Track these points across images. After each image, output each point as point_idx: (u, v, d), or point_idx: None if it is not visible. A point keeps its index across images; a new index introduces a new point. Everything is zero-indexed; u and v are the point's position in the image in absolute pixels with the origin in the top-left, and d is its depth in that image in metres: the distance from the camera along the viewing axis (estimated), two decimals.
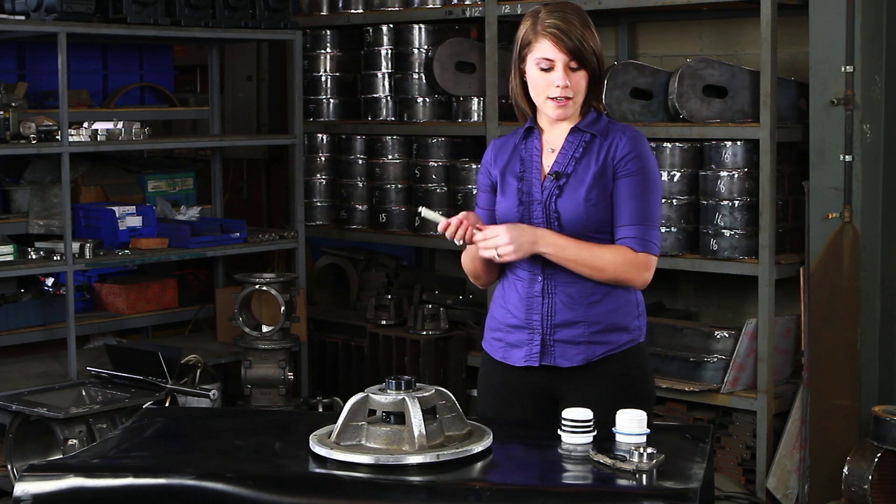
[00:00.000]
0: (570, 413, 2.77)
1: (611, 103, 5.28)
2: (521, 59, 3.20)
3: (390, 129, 6.26)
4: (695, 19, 5.81)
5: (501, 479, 2.67)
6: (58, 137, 5.34)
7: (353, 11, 6.44)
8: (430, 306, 5.96)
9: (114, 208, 5.76)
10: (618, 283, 3.17)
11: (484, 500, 2.49)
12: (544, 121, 3.26)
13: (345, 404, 2.75)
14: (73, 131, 5.42)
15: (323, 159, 6.59)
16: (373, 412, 2.72)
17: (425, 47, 6.13)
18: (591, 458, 2.66)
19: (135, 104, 6.59)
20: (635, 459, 2.58)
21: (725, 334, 5.16)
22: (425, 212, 3.17)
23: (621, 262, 3.13)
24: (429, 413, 2.69)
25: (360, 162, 6.41)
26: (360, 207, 6.41)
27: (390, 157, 6.25)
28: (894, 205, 4.94)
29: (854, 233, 4.87)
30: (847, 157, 4.84)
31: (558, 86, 3.13)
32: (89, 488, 2.62)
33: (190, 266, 6.69)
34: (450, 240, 3.12)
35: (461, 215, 3.11)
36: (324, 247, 6.83)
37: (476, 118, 5.99)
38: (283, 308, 5.66)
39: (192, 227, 5.96)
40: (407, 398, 2.67)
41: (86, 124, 5.56)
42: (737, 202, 5.07)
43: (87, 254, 5.46)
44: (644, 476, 2.56)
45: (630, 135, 3.20)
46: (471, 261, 3.31)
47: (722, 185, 5.10)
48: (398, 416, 2.68)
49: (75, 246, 5.42)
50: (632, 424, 2.71)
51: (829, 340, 4.94)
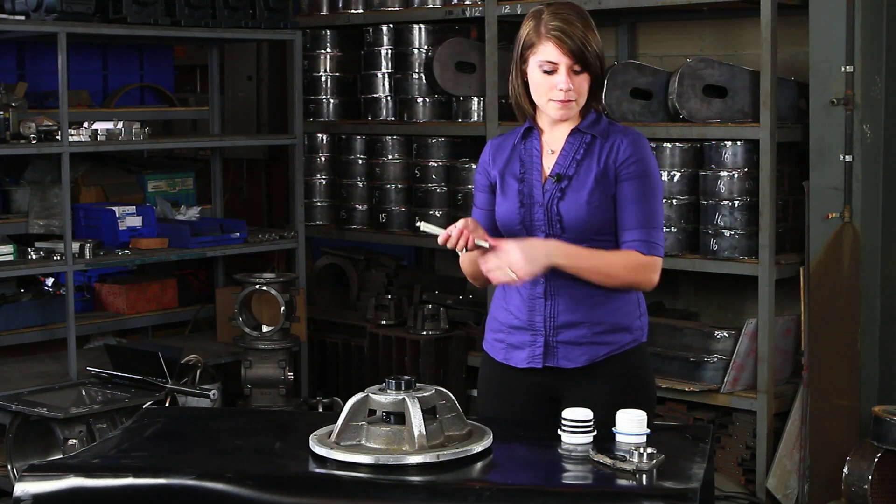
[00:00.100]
0: (570, 413, 2.77)
1: (611, 103, 5.28)
2: (523, 59, 3.18)
3: (390, 129, 6.26)
4: (695, 19, 5.81)
5: (501, 479, 2.67)
6: (58, 137, 5.34)
7: (353, 11, 6.44)
8: (430, 306, 5.96)
9: (114, 208, 5.76)
10: (628, 287, 3.16)
11: (484, 500, 2.49)
12: (544, 121, 3.24)
13: (345, 404, 2.75)
14: (73, 131, 5.42)
15: (323, 159, 6.59)
16: (373, 412, 2.72)
17: (425, 47, 6.13)
18: (591, 458, 2.65)
19: (135, 104, 6.59)
20: (635, 459, 2.58)
21: (725, 334, 5.16)
22: (424, 226, 3.10)
23: (631, 267, 3.12)
24: (429, 413, 2.69)
25: (360, 162, 6.41)
26: (360, 207, 6.41)
27: (390, 157, 6.25)
28: (894, 205, 4.94)
29: (854, 233, 4.87)
30: (847, 157, 4.84)
31: (561, 89, 3.12)
32: (89, 488, 2.62)
33: (190, 266, 6.69)
34: (451, 249, 3.06)
35: (460, 224, 3.03)
36: (324, 247, 6.82)
37: (476, 118, 5.99)
38: (283, 308, 5.66)
39: (192, 227, 5.95)
40: (407, 398, 2.67)
41: (86, 124, 5.55)
42: (737, 202, 5.07)
43: (87, 254, 5.46)
44: (644, 476, 2.55)
45: (631, 137, 3.19)
46: (470, 263, 3.27)
47: (722, 185, 5.10)
48: (398, 416, 2.68)
49: (75, 246, 5.42)
50: (632, 424, 2.71)
51: (829, 340, 4.93)
